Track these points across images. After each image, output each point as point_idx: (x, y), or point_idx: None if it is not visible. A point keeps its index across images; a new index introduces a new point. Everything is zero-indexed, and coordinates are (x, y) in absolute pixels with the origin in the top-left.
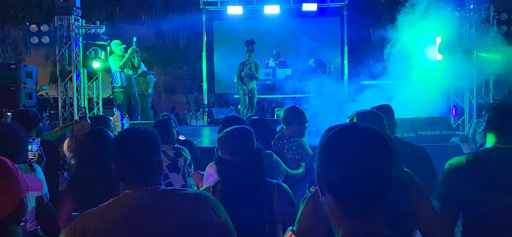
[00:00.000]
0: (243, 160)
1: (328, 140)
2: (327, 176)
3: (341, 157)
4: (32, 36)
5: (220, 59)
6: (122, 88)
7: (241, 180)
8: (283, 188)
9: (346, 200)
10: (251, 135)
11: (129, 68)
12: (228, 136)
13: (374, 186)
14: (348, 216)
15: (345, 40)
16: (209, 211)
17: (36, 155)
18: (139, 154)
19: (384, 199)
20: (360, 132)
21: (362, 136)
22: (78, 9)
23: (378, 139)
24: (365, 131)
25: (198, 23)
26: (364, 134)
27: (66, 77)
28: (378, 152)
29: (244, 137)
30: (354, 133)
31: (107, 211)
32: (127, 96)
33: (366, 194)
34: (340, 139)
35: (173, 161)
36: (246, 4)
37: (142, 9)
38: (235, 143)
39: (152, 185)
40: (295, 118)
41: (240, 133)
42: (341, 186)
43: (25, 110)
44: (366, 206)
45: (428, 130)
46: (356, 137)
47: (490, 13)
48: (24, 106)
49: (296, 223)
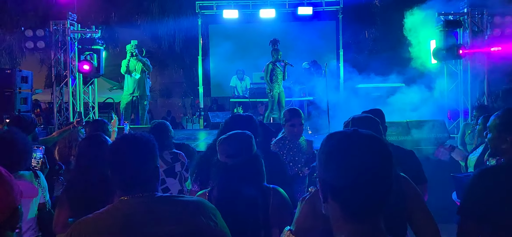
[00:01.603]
0: (239, 164)
1: (331, 146)
2: (331, 181)
3: (345, 163)
4: (27, 41)
5: (216, 63)
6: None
7: (237, 184)
8: (279, 192)
9: (350, 205)
10: (249, 140)
11: (137, 71)
12: (227, 139)
13: (377, 191)
14: (351, 220)
15: (340, 43)
16: (205, 218)
17: (40, 162)
18: (135, 160)
19: (385, 203)
20: (362, 139)
21: (364, 143)
22: (73, 14)
23: (380, 145)
24: (367, 138)
25: (194, 27)
26: (366, 140)
27: (61, 82)
28: (380, 158)
29: (242, 141)
30: (356, 139)
31: (103, 218)
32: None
33: (369, 199)
34: (343, 145)
35: (170, 166)
36: (241, 8)
37: (138, 13)
38: (232, 146)
39: (148, 191)
40: (287, 119)
41: (238, 137)
42: (345, 191)
43: (21, 116)
44: (369, 211)
45: (423, 133)
46: (359, 143)
47: (484, 17)
48: (19, 111)
49: (293, 222)
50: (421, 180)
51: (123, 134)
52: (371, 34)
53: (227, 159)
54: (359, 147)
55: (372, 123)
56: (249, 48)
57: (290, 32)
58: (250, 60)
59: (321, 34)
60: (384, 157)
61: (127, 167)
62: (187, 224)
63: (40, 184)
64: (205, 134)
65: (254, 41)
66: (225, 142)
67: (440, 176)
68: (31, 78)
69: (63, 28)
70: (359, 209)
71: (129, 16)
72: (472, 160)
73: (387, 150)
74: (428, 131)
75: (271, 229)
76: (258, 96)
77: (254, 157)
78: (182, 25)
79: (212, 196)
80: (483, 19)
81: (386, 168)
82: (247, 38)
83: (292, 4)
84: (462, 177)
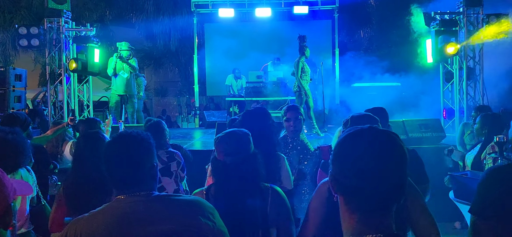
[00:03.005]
0: (237, 162)
1: (341, 142)
2: (336, 176)
3: (350, 159)
4: (21, 38)
5: (211, 62)
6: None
7: (234, 182)
8: (277, 192)
9: (355, 201)
10: (247, 138)
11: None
12: (224, 137)
13: (384, 189)
14: (355, 216)
15: (336, 42)
16: (203, 217)
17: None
18: (132, 159)
19: (396, 202)
20: (375, 136)
21: (376, 140)
22: (68, 12)
23: (393, 144)
24: (379, 135)
25: (189, 26)
26: (378, 138)
27: (56, 80)
28: (391, 156)
29: (239, 139)
30: (368, 136)
31: (99, 217)
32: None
33: (376, 197)
34: (352, 141)
35: (166, 165)
36: (237, 7)
37: (133, 12)
38: (229, 144)
39: (145, 190)
40: (283, 115)
41: (235, 135)
42: (350, 186)
43: (15, 114)
44: (375, 208)
45: (419, 132)
46: (370, 140)
47: (480, 16)
48: (13, 109)
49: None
50: (423, 180)
51: (120, 132)
52: (366, 33)
53: (225, 158)
54: (370, 143)
55: (372, 122)
56: (245, 47)
57: (286, 31)
58: (246, 59)
59: (317, 33)
60: (395, 156)
61: (123, 166)
62: (184, 223)
63: (34, 180)
64: (200, 133)
65: (250, 40)
66: (223, 140)
67: (437, 175)
68: (25, 76)
69: (58, 26)
70: (364, 204)
71: (124, 14)
72: (469, 159)
73: (400, 150)
74: (424, 130)
75: (269, 229)
76: (254, 95)
77: (252, 155)
78: (178, 24)
79: (210, 195)
80: (479, 18)
81: (395, 167)
82: (243, 37)
83: (288, 3)
84: (459, 176)
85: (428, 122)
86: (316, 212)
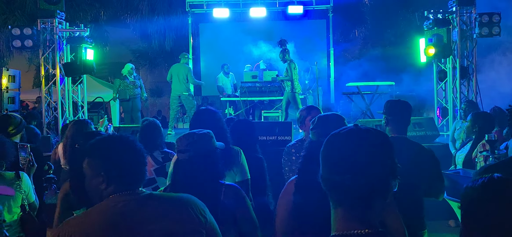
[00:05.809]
0: (189, 159)
1: (326, 140)
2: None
3: (329, 155)
4: (14, 39)
5: (206, 62)
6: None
7: (186, 179)
8: (233, 192)
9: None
10: (204, 136)
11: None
12: (182, 136)
13: (362, 183)
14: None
15: (330, 42)
16: (195, 214)
17: (27, 160)
18: (123, 159)
19: (379, 198)
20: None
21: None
22: (61, 12)
23: (371, 139)
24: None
25: (184, 26)
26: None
27: (50, 81)
28: (367, 152)
29: (192, 137)
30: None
31: (92, 216)
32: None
33: (356, 191)
34: (333, 138)
35: (161, 165)
36: (232, 7)
37: (127, 12)
38: (183, 141)
39: (137, 189)
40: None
41: (191, 133)
42: (330, 180)
43: (8, 115)
44: (357, 202)
45: (413, 131)
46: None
47: (472, 15)
48: (7, 110)
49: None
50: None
51: (108, 134)
52: (361, 32)
53: (179, 155)
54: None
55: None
56: (239, 47)
57: (281, 31)
58: (241, 59)
59: (311, 33)
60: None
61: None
62: (176, 221)
63: (21, 185)
64: None
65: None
66: (179, 139)
67: None
68: (19, 77)
69: (51, 26)
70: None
71: (118, 14)
72: (460, 157)
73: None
74: (418, 129)
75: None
76: (249, 95)
77: (207, 153)
78: (172, 24)
79: (166, 191)
80: (472, 17)
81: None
82: (238, 36)
83: (283, 3)
84: (451, 174)
85: (422, 121)
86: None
